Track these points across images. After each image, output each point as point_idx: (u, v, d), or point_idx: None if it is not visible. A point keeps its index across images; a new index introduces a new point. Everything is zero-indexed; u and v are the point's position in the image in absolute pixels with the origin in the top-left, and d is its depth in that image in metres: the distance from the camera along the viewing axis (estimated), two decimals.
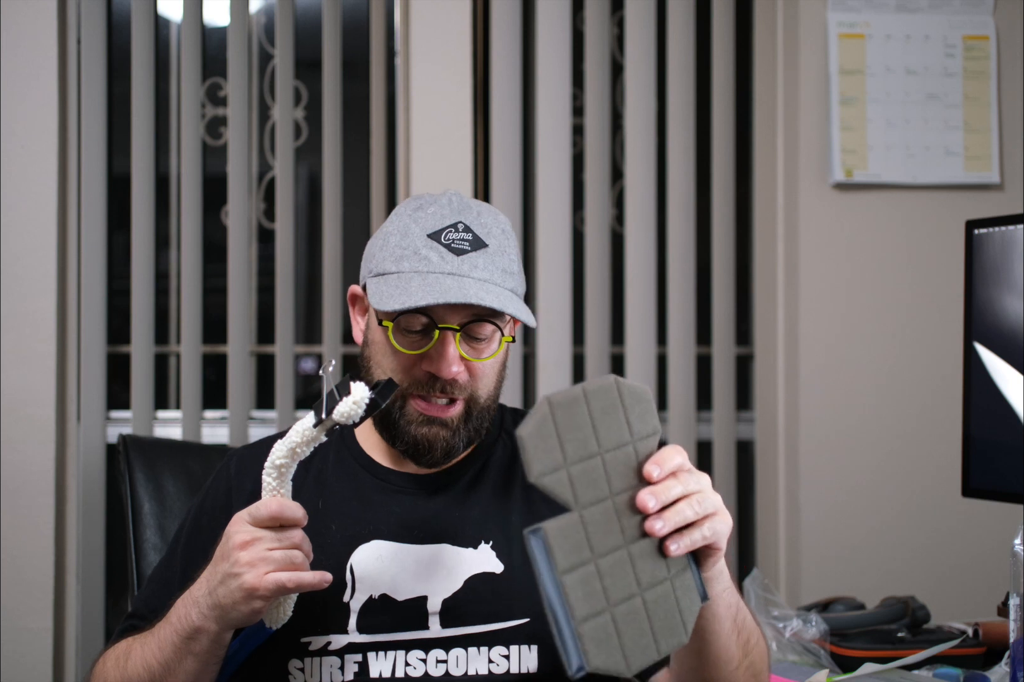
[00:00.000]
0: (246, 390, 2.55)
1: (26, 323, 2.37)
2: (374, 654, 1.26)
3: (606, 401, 0.97)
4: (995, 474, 1.51)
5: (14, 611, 2.33)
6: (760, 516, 2.63)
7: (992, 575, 1.84)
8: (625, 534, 0.95)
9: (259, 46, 2.72)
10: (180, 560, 1.34)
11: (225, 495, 1.36)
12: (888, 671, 1.45)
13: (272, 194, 2.63)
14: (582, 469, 0.94)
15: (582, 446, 0.94)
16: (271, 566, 1.12)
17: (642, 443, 0.99)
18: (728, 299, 2.66)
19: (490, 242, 1.30)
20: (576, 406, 0.95)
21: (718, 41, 2.66)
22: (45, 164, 2.40)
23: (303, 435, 1.15)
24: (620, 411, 0.97)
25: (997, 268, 1.51)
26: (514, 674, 1.27)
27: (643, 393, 1.00)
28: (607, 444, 0.96)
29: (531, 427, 0.92)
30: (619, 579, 0.94)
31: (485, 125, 2.63)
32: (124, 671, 1.25)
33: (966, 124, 2.53)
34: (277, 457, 1.16)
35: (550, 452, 0.92)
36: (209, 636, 1.17)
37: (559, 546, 0.91)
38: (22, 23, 2.38)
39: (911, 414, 2.52)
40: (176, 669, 1.20)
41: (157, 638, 1.22)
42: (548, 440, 0.93)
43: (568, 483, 0.93)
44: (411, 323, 1.28)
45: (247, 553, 1.13)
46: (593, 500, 0.94)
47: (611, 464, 0.96)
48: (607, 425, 0.96)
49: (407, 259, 1.28)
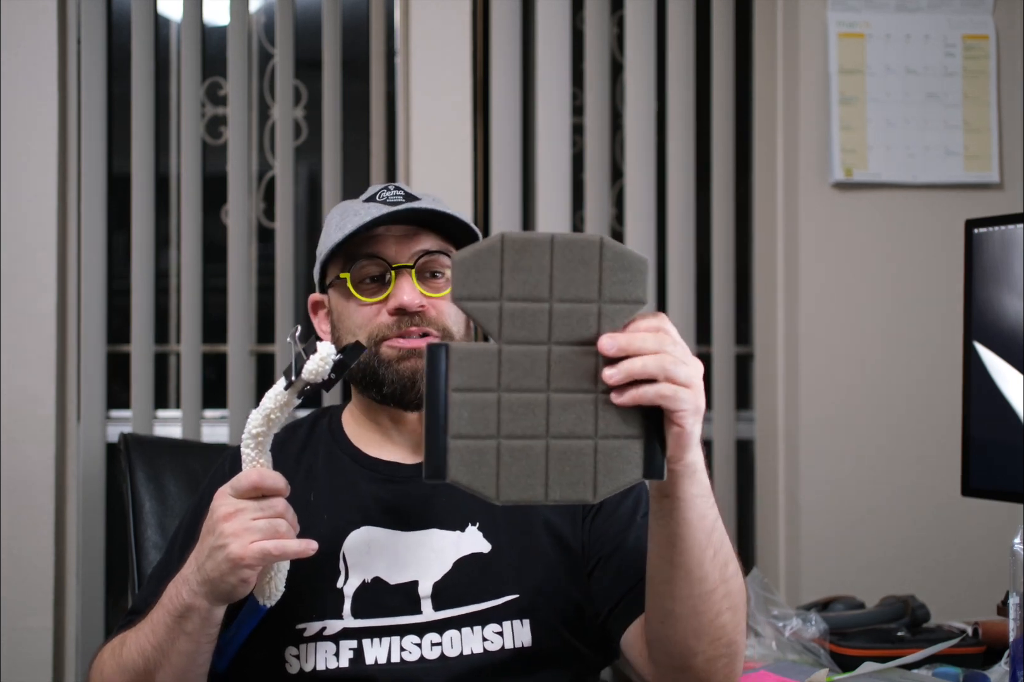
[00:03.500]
0: (246, 389, 2.55)
1: (26, 323, 2.37)
2: (369, 641, 1.27)
3: (578, 255, 0.95)
4: (995, 473, 1.51)
5: (14, 610, 2.33)
6: (760, 515, 2.64)
7: (992, 574, 1.84)
8: (552, 382, 0.95)
9: (259, 46, 2.72)
10: (178, 559, 1.34)
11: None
12: (888, 670, 1.45)
13: (272, 194, 2.63)
14: (519, 308, 0.94)
15: (528, 288, 0.94)
16: (256, 535, 1.13)
17: (611, 306, 0.96)
18: (728, 298, 2.66)
19: (422, 197, 1.36)
20: (535, 249, 0.94)
21: (718, 41, 2.66)
22: (45, 164, 2.40)
23: (275, 400, 1.14)
24: (594, 270, 0.95)
25: (997, 267, 1.51)
26: (509, 649, 1.28)
27: (635, 261, 0.96)
28: (563, 295, 0.95)
29: (469, 254, 0.93)
30: (522, 418, 0.95)
31: (485, 125, 2.63)
32: (120, 659, 1.26)
33: (966, 123, 2.54)
34: (253, 426, 1.15)
35: (484, 282, 0.93)
36: (200, 613, 1.17)
37: (459, 366, 0.93)
38: (22, 23, 2.38)
39: (911, 413, 2.52)
40: (169, 650, 1.20)
41: (150, 622, 1.22)
42: (485, 271, 0.93)
43: (496, 315, 0.94)
44: (366, 270, 1.33)
45: (231, 524, 1.13)
46: (522, 339, 0.95)
47: (560, 314, 0.95)
48: (570, 278, 0.94)
49: (348, 221, 1.34)
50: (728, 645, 1.18)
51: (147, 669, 1.22)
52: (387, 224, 1.33)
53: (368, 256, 1.33)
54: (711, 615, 1.14)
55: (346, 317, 1.36)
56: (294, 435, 1.43)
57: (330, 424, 1.43)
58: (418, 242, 1.33)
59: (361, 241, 1.34)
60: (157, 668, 1.21)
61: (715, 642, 1.16)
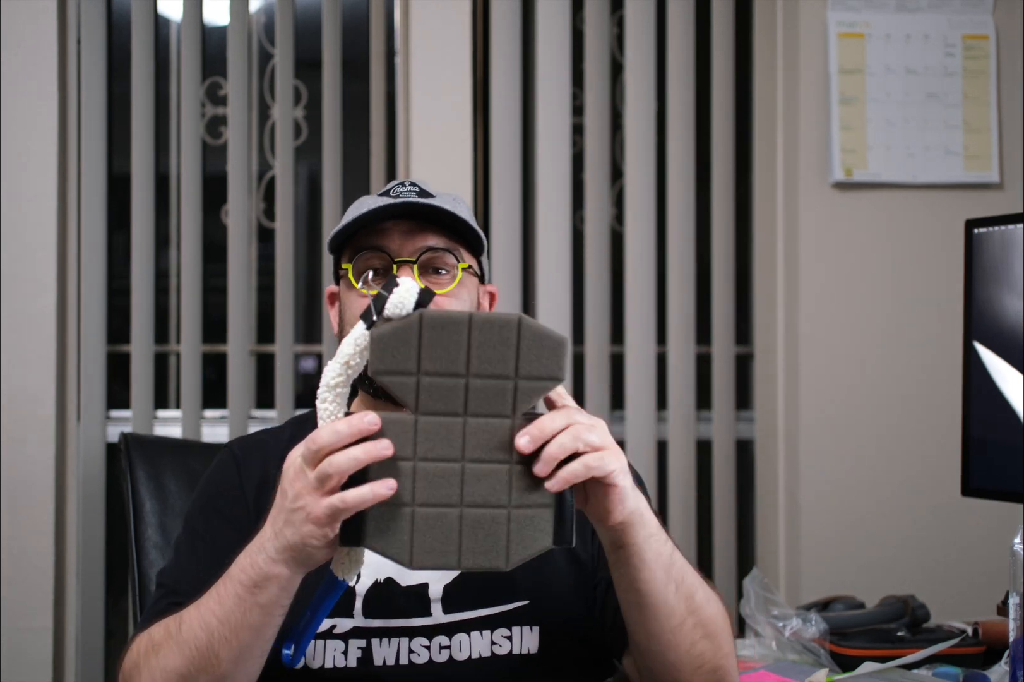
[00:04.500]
0: (246, 389, 2.55)
1: (26, 323, 2.37)
2: (378, 641, 1.26)
3: (494, 335, 0.97)
4: (995, 473, 1.51)
5: (14, 610, 2.34)
6: (760, 515, 2.64)
7: (992, 574, 1.84)
8: (467, 452, 0.98)
9: (259, 45, 2.72)
10: (204, 539, 1.31)
11: (235, 475, 1.35)
12: (888, 670, 1.44)
13: (272, 193, 2.63)
14: (436, 383, 0.97)
15: (444, 364, 0.97)
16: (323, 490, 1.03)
17: (527, 383, 0.99)
18: (728, 298, 2.66)
19: (438, 195, 1.36)
20: (452, 329, 0.97)
21: (718, 41, 2.66)
22: (45, 164, 2.40)
23: (355, 344, 1.04)
24: (511, 348, 0.98)
25: (997, 267, 1.51)
26: (515, 655, 1.27)
27: (552, 341, 0.99)
28: (479, 372, 0.98)
29: (387, 330, 0.96)
30: (437, 486, 0.98)
31: (485, 125, 2.63)
32: (178, 636, 1.16)
33: (966, 123, 2.54)
34: (330, 377, 1.05)
35: (401, 358, 0.96)
36: (279, 582, 1.09)
37: (376, 434, 0.97)
38: (22, 23, 2.39)
39: (911, 413, 2.52)
40: (239, 624, 1.12)
41: (216, 594, 1.14)
42: (403, 348, 0.96)
43: (412, 389, 0.97)
44: (369, 262, 1.32)
45: (300, 482, 1.05)
46: (438, 411, 0.98)
47: (476, 389, 0.98)
48: (487, 356, 0.97)
49: (355, 212, 1.34)
50: (712, 671, 1.19)
51: (210, 644, 1.13)
52: (390, 219, 1.33)
53: (372, 248, 1.33)
54: (686, 646, 1.17)
55: (347, 307, 1.35)
56: (300, 429, 1.40)
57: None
58: (424, 238, 1.33)
59: (368, 234, 1.33)
60: (223, 644, 1.13)
61: (697, 670, 1.18)
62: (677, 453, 2.60)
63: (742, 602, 1.59)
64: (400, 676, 1.26)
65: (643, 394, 2.60)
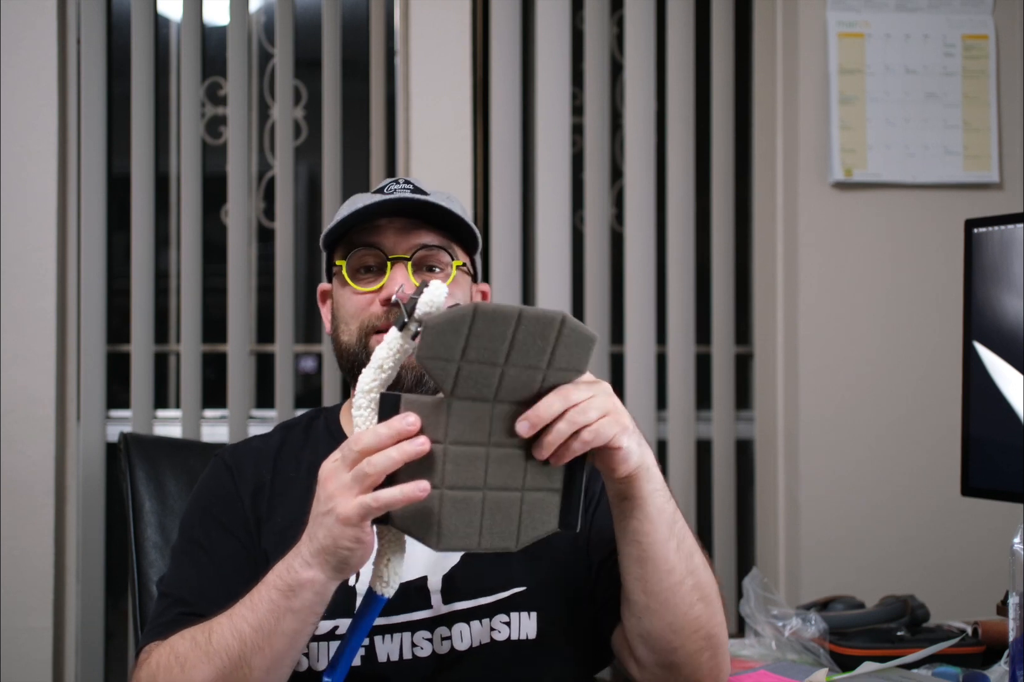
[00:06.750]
0: (246, 389, 2.55)
1: (26, 323, 2.38)
2: (380, 638, 1.26)
3: (539, 330, 1.00)
4: (995, 473, 1.51)
5: (14, 610, 2.34)
6: (759, 515, 2.64)
7: (991, 574, 1.84)
8: (492, 437, 1.01)
9: (259, 45, 2.72)
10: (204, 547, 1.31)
11: (231, 482, 1.35)
12: (887, 670, 1.45)
13: (272, 193, 2.63)
14: (475, 370, 0.99)
15: (487, 354, 0.99)
16: (355, 489, 1.03)
17: (555, 373, 1.02)
18: (727, 298, 2.66)
19: (432, 194, 1.36)
20: (502, 323, 0.98)
21: (718, 41, 2.66)
22: (45, 164, 2.40)
23: (389, 347, 1.05)
24: (549, 343, 1.01)
25: (996, 267, 1.51)
26: (514, 640, 1.27)
27: (587, 338, 1.02)
28: (516, 362, 1.00)
29: (443, 320, 0.98)
30: (464, 469, 1.00)
31: (485, 125, 2.63)
32: (207, 646, 1.14)
33: (965, 123, 2.54)
34: (365, 383, 1.06)
35: (449, 346, 0.98)
36: (314, 587, 1.09)
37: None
38: (22, 23, 2.39)
39: (911, 413, 2.53)
40: (273, 631, 1.11)
41: (249, 601, 1.13)
42: (453, 337, 0.97)
43: (452, 375, 0.99)
44: (363, 259, 1.33)
45: (332, 484, 1.05)
46: (470, 397, 1.00)
47: (510, 378, 1.00)
48: (526, 349, 1.00)
49: (348, 210, 1.34)
50: (707, 638, 1.20)
51: (242, 653, 1.12)
52: (385, 216, 1.33)
53: (366, 245, 1.33)
54: (684, 607, 1.18)
55: (340, 305, 1.36)
56: (290, 434, 1.42)
57: (327, 424, 1.42)
58: (418, 236, 1.33)
59: (362, 231, 1.33)
60: (255, 652, 1.12)
61: (693, 635, 1.19)
62: (677, 453, 2.60)
63: (742, 602, 1.59)
64: (404, 670, 1.26)
65: (643, 394, 2.60)
